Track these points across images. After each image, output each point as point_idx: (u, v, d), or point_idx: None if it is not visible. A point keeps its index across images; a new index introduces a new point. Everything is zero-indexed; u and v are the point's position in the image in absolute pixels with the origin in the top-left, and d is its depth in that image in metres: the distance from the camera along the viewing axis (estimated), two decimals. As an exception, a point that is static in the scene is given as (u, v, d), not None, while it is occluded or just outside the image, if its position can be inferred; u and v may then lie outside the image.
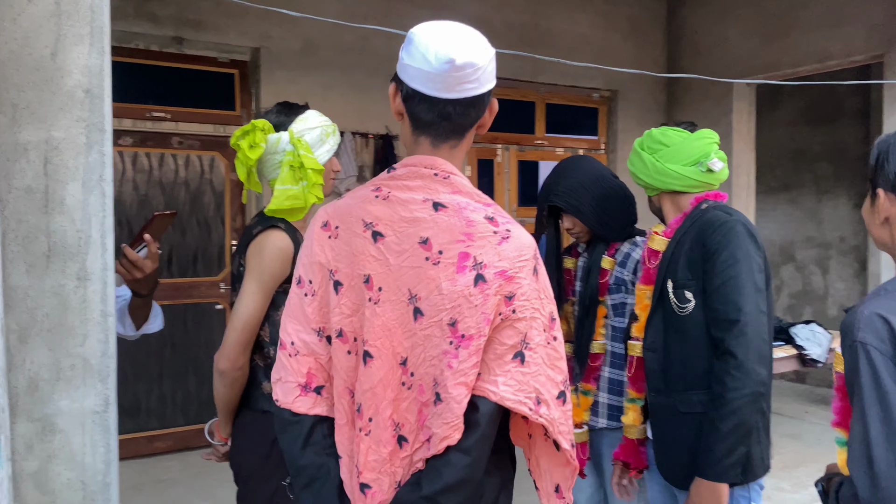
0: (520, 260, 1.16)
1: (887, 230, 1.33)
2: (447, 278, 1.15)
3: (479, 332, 1.13)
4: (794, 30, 5.72)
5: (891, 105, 5.23)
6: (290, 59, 4.92)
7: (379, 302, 1.19)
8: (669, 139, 1.91)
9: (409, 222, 1.20)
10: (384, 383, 1.18)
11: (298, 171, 1.87)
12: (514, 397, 1.14)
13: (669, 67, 6.85)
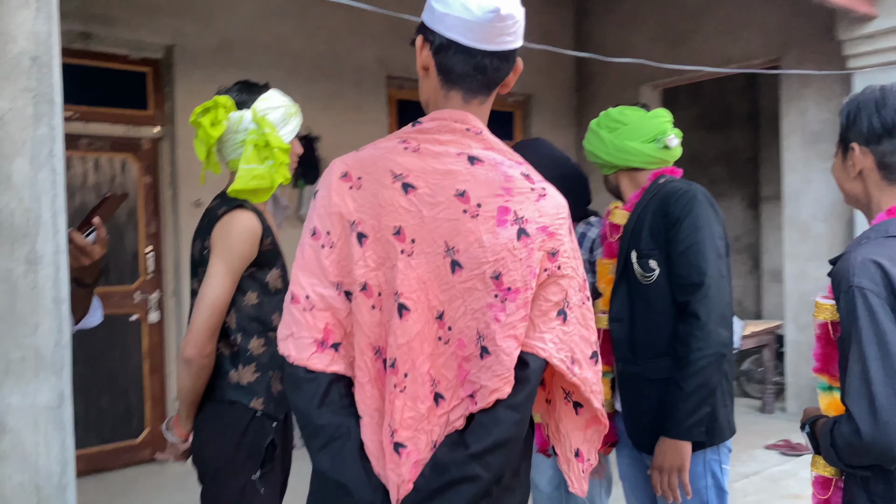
0: (559, 217, 1.17)
1: (860, 183, 1.41)
2: (488, 231, 1.13)
3: (526, 286, 1.12)
4: (696, 36, 6.02)
5: (788, 105, 5.57)
6: (205, 58, 4.75)
7: (413, 254, 1.15)
8: (627, 118, 1.96)
9: (443, 174, 1.16)
10: (421, 337, 1.14)
11: (264, 150, 1.80)
12: (558, 355, 1.15)
13: (579, 73, 7.06)
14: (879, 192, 1.38)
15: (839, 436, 1.29)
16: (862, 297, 1.26)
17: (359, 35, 5.50)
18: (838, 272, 1.34)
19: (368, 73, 5.58)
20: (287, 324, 1.20)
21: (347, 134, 5.43)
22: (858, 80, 4.79)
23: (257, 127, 1.81)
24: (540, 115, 6.67)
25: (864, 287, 1.27)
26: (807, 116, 5.44)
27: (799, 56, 5.36)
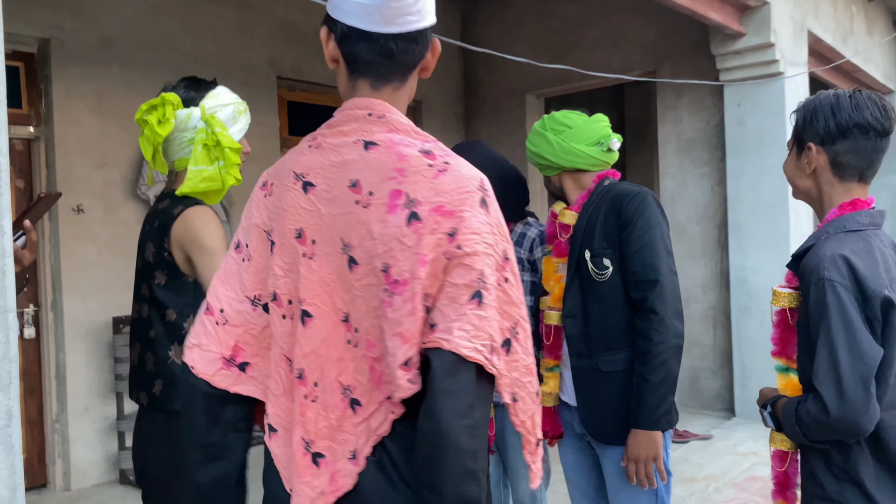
0: (460, 192, 1.05)
1: (813, 180, 1.54)
2: (378, 220, 1.05)
3: (413, 276, 1.01)
4: (579, 47, 6.29)
5: (664, 115, 5.94)
6: (85, 54, 4.44)
7: (314, 256, 1.10)
8: (572, 121, 2.03)
9: (338, 166, 1.10)
10: (327, 343, 1.08)
11: (214, 150, 1.73)
12: (469, 344, 1.00)
13: (466, 81, 7.19)
14: (831, 189, 1.51)
15: (805, 414, 1.40)
16: (832, 289, 1.38)
17: (248, 35, 5.34)
18: (808, 265, 1.45)
19: (258, 74, 5.42)
20: (197, 333, 1.18)
21: (238, 137, 5.25)
22: (728, 93, 5.20)
23: (206, 126, 1.74)
24: (430, 122, 6.73)
25: (833, 280, 1.38)
26: (681, 125, 5.82)
27: (674, 69, 5.73)
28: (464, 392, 0.99)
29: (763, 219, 5.08)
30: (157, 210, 1.80)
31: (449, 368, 1.00)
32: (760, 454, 4.47)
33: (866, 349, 1.34)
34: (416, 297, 1.02)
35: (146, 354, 1.77)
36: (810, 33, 5.35)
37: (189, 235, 1.69)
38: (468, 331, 1.00)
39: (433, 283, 1.03)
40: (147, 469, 1.75)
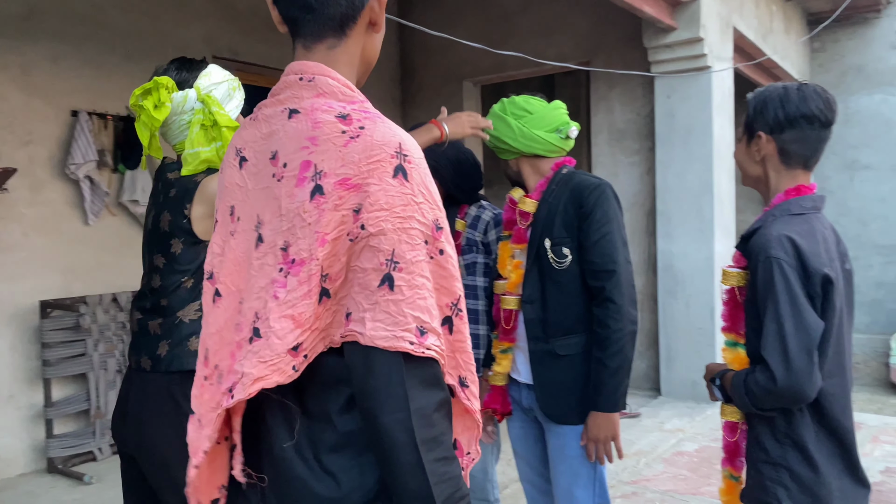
0: (369, 162, 0.94)
1: (762, 167, 1.65)
2: (287, 195, 0.98)
3: (311, 255, 0.93)
4: (515, 36, 6.39)
5: (597, 105, 6.11)
6: (9, 26, 4.24)
7: (235, 233, 1.07)
8: (533, 107, 2.09)
9: (265, 138, 1.05)
10: (226, 327, 1.04)
11: (211, 130, 1.72)
12: (386, 333, 0.92)
13: (403, 64, 7.19)
14: (778, 175, 1.63)
15: (754, 383, 1.51)
16: (778, 267, 1.49)
17: (183, 12, 5.19)
18: (755, 246, 1.56)
19: (193, 52, 5.26)
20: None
21: (172, 116, 5.11)
22: (659, 85, 5.39)
23: (203, 106, 1.73)
24: (366, 105, 6.71)
25: (779, 258, 1.49)
26: (613, 115, 6.01)
27: (607, 60, 5.90)
28: (391, 385, 0.93)
29: (689, 207, 5.31)
30: (168, 180, 1.79)
31: (369, 365, 0.94)
32: (686, 430, 4.70)
33: (810, 322, 1.46)
34: (313, 279, 0.94)
35: (150, 321, 1.76)
36: (735, 30, 5.60)
37: (211, 198, 1.71)
38: (383, 320, 0.92)
39: (332, 264, 0.95)
40: (143, 434, 1.73)
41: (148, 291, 1.80)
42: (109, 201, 4.73)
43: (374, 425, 0.93)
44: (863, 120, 7.74)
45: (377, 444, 0.94)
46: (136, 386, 1.78)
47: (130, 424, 1.77)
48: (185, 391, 1.70)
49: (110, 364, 4.57)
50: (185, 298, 1.75)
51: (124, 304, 4.68)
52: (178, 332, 1.74)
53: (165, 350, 1.74)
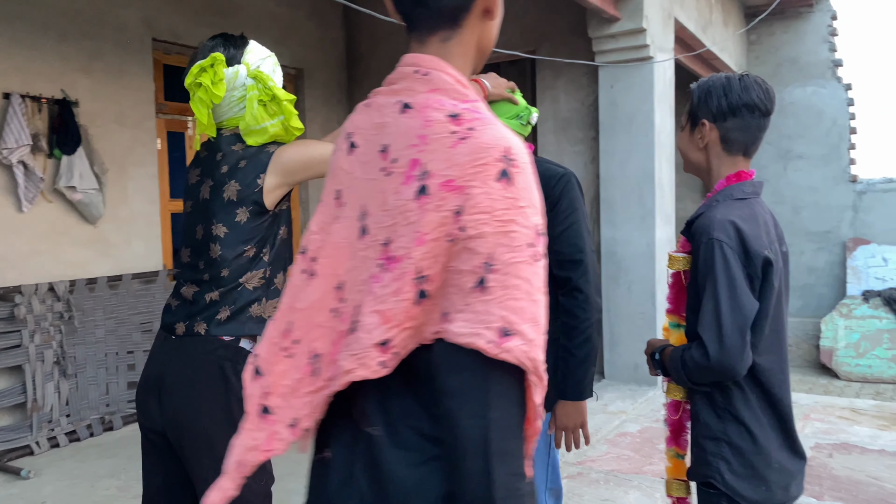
0: (474, 165, 0.94)
1: (704, 154, 1.70)
2: (393, 191, 0.99)
3: (407, 254, 0.94)
4: (461, 23, 6.39)
5: (542, 94, 6.17)
6: (-66, 2, 4.05)
7: (338, 219, 1.08)
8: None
9: (377, 128, 1.05)
10: (316, 306, 1.06)
11: (271, 104, 1.76)
12: (466, 330, 0.90)
13: (349, 49, 7.13)
14: (719, 162, 1.69)
15: (689, 359, 1.58)
16: (719, 248, 1.55)
17: (120, -8, 5.04)
18: (699, 228, 1.62)
19: (132, 34, 5.13)
20: None
21: (110, 100, 4.98)
22: (603, 74, 5.48)
23: (255, 82, 1.76)
24: (312, 90, 6.64)
25: (721, 240, 1.55)
26: (558, 105, 6.08)
27: (552, 49, 5.96)
28: (472, 387, 0.91)
29: (631, 194, 5.43)
30: (233, 152, 1.79)
31: (451, 363, 0.93)
32: (628, 412, 4.83)
33: (745, 302, 1.52)
34: (406, 278, 0.94)
35: (209, 293, 1.75)
36: (677, 21, 5.73)
37: (300, 161, 1.75)
38: (469, 318, 0.91)
39: (432, 266, 0.94)
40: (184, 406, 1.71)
41: (202, 263, 1.78)
42: (45, 187, 4.58)
43: (449, 426, 0.92)
44: (796, 111, 8.02)
45: (450, 446, 0.93)
46: (180, 358, 1.74)
47: (169, 400, 1.73)
48: (236, 367, 1.71)
49: (47, 355, 4.44)
50: (245, 267, 1.74)
51: (62, 294, 4.54)
52: (240, 298, 1.74)
53: (226, 315, 1.73)
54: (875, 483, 3.57)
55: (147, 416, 1.80)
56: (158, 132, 5.41)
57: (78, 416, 4.59)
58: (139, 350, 4.97)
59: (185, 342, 1.74)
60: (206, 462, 1.72)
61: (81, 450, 4.40)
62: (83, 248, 4.83)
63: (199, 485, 1.75)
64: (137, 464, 4.10)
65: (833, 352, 7.20)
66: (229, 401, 1.70)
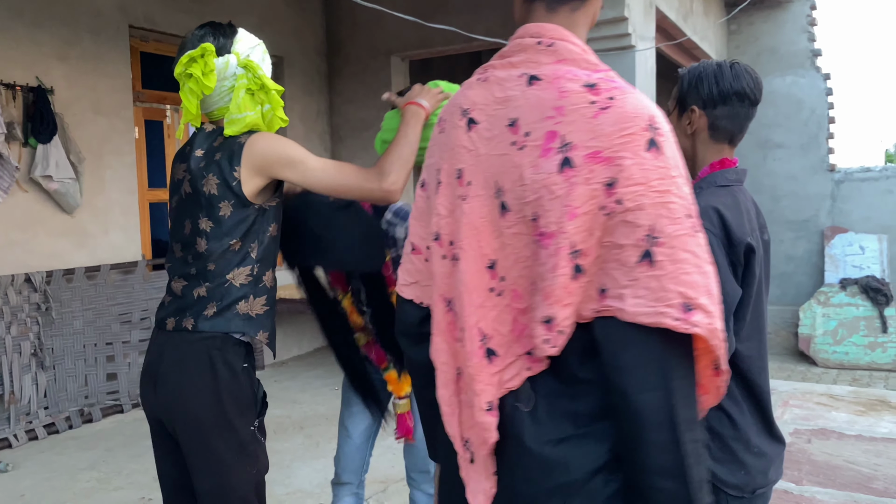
0: (622, 135, 0.92)
1: (690, 141, 1.70)
2: (530, 165, 0.97)
3: (560, 230, 0.92)
4: (442, 12, 6.35)
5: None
6: None
7: (467, 198, 1.05)
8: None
9: (500, 103, 1.03)
10: (469, 289, 1.03)
11: (259, 93, 1.75)
12: (648, 310, 0.88)
13: (329, 37, 7.07)
14: (705, 149, 1.68)
15: None
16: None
17: (96, -23, 4.95)
18: None
19: (108, 20, 5.05)
20: (410, 272, 1.20)
21: (86, 88, 4.90)
22: (584, 63, 5.46)
23: (245, 71, 1.75)
24: (292, 79, 6.57)
25: (705, 227, 1.54)
26: (540, 93, 6.06)
27: (534, 37, 5.94)
28: (648, 362, 0.90)
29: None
30: (211, 146, 1.77)
31: (626, 341, 0.91)
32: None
33: (728, 289, 1.52)
34: (561, 253, 0.92)
35: (196, 287, 1.74)
36: (658, 10, 5.73)
37: (272, 155, 1.72)
38: (644, 296, 0.89)
39: (586, 240, 0.93)
40: (177, 397, 1.72)
41: (191, 257, 1.77)
42: (20, 177, 4.50)
43: (625, 402, 0.91)
44: (776, 100, 8.08)
45: (627, 420, 0.91)
46: (171, 348, 1.76)
47: (163, 388, 1.75)
48: (224, 356, 1.72)
49: (24, 347, 4.38)
50: (232, 261, 1.73)
51: (39, 285, 4.48)
52: (227, 294, 1.73)
53: (213, 311, 1.72)
54: (852, 468, 3.62)
55: (147, 405, 1.84)
56: (136, 121, 5.33)
57: (56, 409, 4.54)
58: (118, 341, 4.92)
59: (178, 334, 1.76)
60: (196, 448, 1.73)
61: (60, 442, 4.35)
62: (60, 238, 4.76)
63: (192, 472, 1.76)
64: (117, 456, 4.08)
65: (811, 339, 7.28)
66: (218, 388, 1.71)
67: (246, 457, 1.75)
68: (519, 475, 1.00)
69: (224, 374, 1.72)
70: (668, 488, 0.90)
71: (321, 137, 7.02)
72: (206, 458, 1.73)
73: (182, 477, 1.82)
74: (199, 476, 1.74)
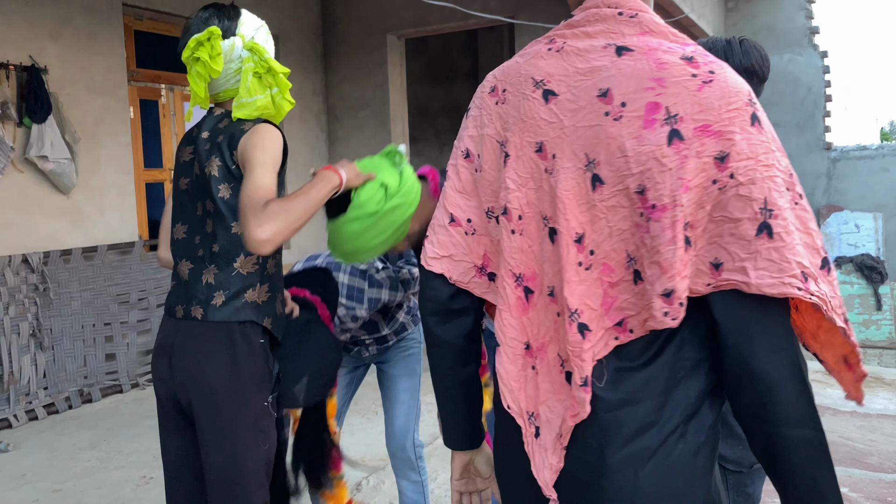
0: (728, 109, 0.93)
1: None
2: (632, 136, 0.95)
3: (675, 202, 0.93)
4: (439, -11, 6.31)
5: (521, 61, 6.12)
6: None
7: (553, 171, 1.02)
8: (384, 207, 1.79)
9: (585, 74, 1.01)
10: (568, 264, 1.02)
11: (266, 76, 1.74)
12: (773, 280, 0.91)
13: (324, 15, 7.01)
14: None
15: None
16: None
17: (88, -46, 4.89)
18: None
19: (101, -1, 4.99)
20: (444, 244, 1.16)
21: (80, 67, 4.86)
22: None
23: (251, 54, 1.74)
24: (287, 57, 6.52)
25: None
26: (537, 71, 6.03)
27: (532, 14, 5.91)
28: (773, 326, 0.94)
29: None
30: (216, 128, 1.77)
31: (749, 311, 0.94)
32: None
33: None
34: (678, 226, 0.93)
35: (204, 269, 1.74)
36: (655, -13, 5.69)
37: (249, 149, 1.70)
38: (766, 267, 0.91)
39: (695, 213, 0.94)
40: (195, 374, 1.73)
41: (196, 239, 1.78)
42: (15, 157, 4.47)
43: (750, 367, 0.94)
44: (773, 78, 8.02)
45: (756, 383, 0.94)
46: (184, 333, 1.76)
47: (179, 362, 1.75)
48: (243, 331, 1.72)
49: (23, 328, 4.38)
50: (237, 247, 1.73)
51: (36, 266, 4.47)
52: (235, 284, 1.73)
53: (221, 300, 1.72)
54: (847, 443, 3.66)
55: (160, 381, 1.83)
56: (131, 100, 5.29)
57: (56, 389, 4.55)
58: (116, 322, 4.92)
59: (186, 321, 1.77)
60: (210, 422, 1.73)
61: (60, 422, 4.37)
62: (56, 218, 4.74)
63: (204, 447, 1.76)
64: (118, 435, 4.10)
65: (806, 317, 7.32)
66: (236, 362, 1.72)
67: (259, 432, 1.76)
68: (592, 445, 1.01)
69: (242, 349, 1.72)
70: (807, 436, 0.95)
71: (317, 117, 6.99)
72: (220, 431, 1.73)
73: (188, 456, 1.82)
74: (211, 451, 1.74)
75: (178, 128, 5.72)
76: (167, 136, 5.65)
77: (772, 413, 0.95)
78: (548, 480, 1.03)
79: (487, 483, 1.30)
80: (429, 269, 1.17)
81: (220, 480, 1.75)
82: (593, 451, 1.01)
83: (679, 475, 0.99)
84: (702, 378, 1.01)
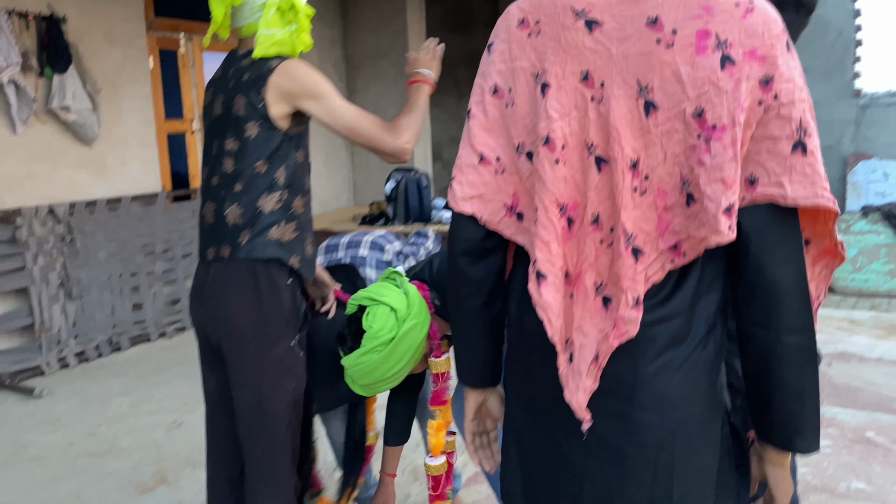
0: (771, 35, 0.99)
1: None
2: (686, 62, 0.99)
3: (734, 122, 0.98)
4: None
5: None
6: None
7: (602, 100, 1.04)
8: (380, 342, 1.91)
9: (629, 3, 1.03)
10: (621, 190, 1.05)
11: (288, 13, 1.75)
12: (807, 192, 1.00)
13: (341, -37, 6.87)
14: None
15: None
16: None
17: None
18: None
19: (118, -55, 4.92)
20: (474, 184, 1.16)
21: (99, 16, 4.82)
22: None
23: None
24: (305, 6, 6.44)
25: None
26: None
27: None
28: (789, 239, 1.03)
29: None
30: (241, 67, 1.78)
31: (773, 223, 1.02)
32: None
33: None
34: (736, 144, 0.99)
35: (228, 209, 1.76)
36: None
37: (298, 85, 1.73)
38: (800, 181, 1.00)
39: (744, 133, 1.00)
40: (223, 312, 1.77)
41: (220, 178, 1.79)
42: (38, 108, 4.48)
43: (764, 274, 1.02)
44: (801, 23, 7.82)
45: (766, 290, 1.02)
46: (213, 274, 1.79)
47: (209, 302, 1.80)
48: (268, 271, 1.76)
49: (52, 278, 4.45)
50: (260, 185, 1.75)
51: (62, 217, 4.51)
52: (259, 222, 1.75)
53: (247, 239, 1.75)
54: (872, 389, 3.65)
55: (196, 321, 1.88)
56: (150, 49, 5.26)
57: (86, 337, 4.64)
58: (142, 272, 4.98)
59: (216, 263, 1.80)
60: (237, 361, 1.77)
61: (91, 370, 4.46)
62: (79, 169, 4.77)
63: (233, 386, 1.80)
64: (147, 382, 4.18)
65: (830, 267, 7.25)
66: (261, 302, 1.74)
67: (284, 370, 1.78)
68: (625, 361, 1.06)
69: (266, 289, 1.74)
70: (802, 342, 1.04)
71: (336, 67, 6.91)
72: (246, 370, 1.77)
73: (224, 394, 1.86)
74: (239, 389, 1.79)
75: (197, 78, 5.69)
76: (187, 87, 5.62)
77: (776, 319, 1.03)
78: (582, 403, 1.07)
79: (496, 423, 1.33)
80: (459, 212, 1.18)
81: (249, 417, 1.79)
82: (627, 367, 1.06)
83: (702, 380, 1.07)
84: (718, 292, 1.08)
